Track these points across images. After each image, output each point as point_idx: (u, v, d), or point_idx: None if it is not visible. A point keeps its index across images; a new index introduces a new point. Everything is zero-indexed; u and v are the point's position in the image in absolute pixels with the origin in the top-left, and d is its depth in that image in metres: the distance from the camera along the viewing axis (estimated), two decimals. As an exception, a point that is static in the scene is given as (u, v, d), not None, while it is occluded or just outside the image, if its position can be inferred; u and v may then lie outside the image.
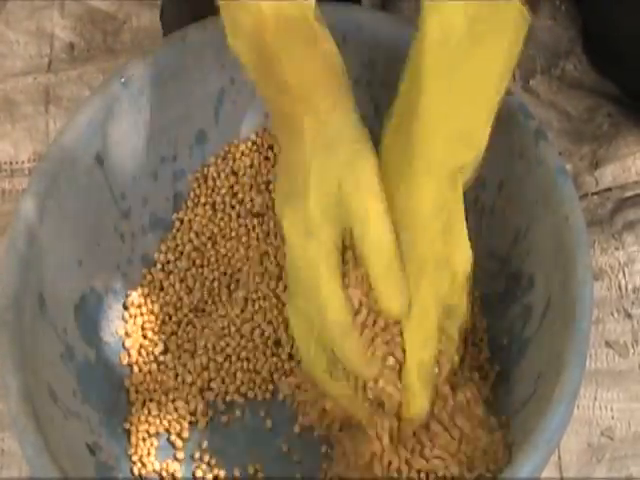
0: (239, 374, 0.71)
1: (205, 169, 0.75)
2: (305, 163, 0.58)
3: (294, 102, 0.59)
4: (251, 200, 0.75)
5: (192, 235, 0.74)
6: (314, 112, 0.59)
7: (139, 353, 0.72)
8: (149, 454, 0.69)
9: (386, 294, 0.59)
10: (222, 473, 0.68)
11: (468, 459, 0.63)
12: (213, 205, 0.75)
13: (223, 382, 0.71)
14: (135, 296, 0.73)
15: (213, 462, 0.68)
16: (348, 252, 0.60)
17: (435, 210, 0.58)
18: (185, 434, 0.69)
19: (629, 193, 0.82)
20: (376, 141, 0.75)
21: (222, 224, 0.74)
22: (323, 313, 0.59)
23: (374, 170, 0.59)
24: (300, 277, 0.60)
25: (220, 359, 0.71)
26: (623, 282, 0.79)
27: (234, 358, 0.71)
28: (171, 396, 0.70)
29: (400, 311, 0.59)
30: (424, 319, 0.59)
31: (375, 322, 0.60)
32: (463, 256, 0.60)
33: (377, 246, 0.58)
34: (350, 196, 0.58)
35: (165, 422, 0.69)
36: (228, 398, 0.70)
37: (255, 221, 0.74)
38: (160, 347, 0.72)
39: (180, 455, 0.69)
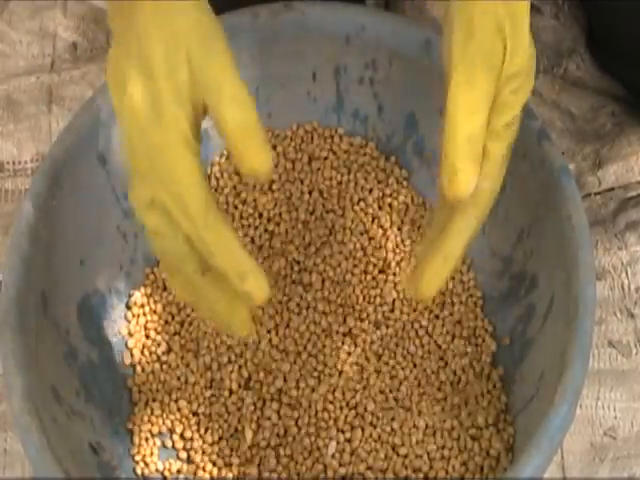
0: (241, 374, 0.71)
1: (208, 169, 0.75)
2: (145, 37, 0.52)
3: None
4: (254, 200, 0.75)
5: (195, 235, 0.74)
6: None
7: (142, 353, 0.72)
8: (152, 454, 0.69)
9: (247, 153, 0.53)
10: (224, 473, 0.68)
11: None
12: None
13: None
14: (138, 296, 0.73)
15: (215, 462, 0.68)
16: None
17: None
18: (188, 434, 0.69)
19: (632, 193, 0.82)
20: (379, 141, 0.76)
21: (225, 224, 0.74)
22: (184, 198, 0.53)
23: (220, 34, 0.54)
24: (152, 165, 0.53)
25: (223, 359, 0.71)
26: (626, 282, 0.79)
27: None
28: (174, 396, 0.70)
29: (266, 169, 0.53)
30: (472, 83, 0.54)
31: None
32: (523, 47, 0.54)
33: (233, 104, 0.53)
34: (200, 64, 0.53)
35: (168, 422, 0.69)
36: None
37: (258, 221, 0.74)
38: (163, 347, 0.72)
39: (183, 455, 0.69)
